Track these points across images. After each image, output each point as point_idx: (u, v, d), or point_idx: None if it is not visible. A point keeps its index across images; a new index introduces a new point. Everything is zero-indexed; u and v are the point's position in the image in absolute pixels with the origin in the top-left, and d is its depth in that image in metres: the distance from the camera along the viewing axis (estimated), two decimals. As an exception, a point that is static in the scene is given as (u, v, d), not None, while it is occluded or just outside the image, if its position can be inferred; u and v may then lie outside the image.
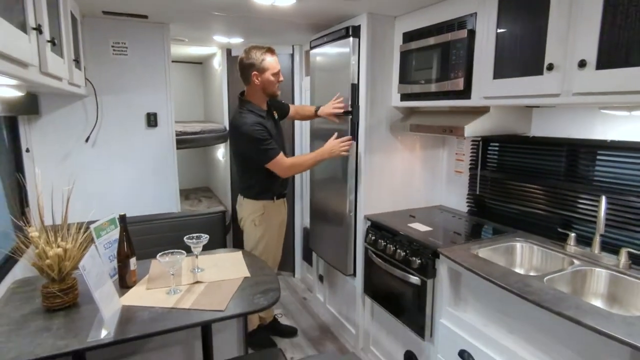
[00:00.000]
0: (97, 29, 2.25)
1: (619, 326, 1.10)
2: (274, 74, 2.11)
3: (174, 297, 1.54)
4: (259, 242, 2.29)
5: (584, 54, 1.25)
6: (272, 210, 2.29)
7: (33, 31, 1.00)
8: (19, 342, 1.24)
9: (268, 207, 2.27)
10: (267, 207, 2.27)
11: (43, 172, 2.06)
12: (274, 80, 2.12)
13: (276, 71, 2.11)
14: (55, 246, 1.42)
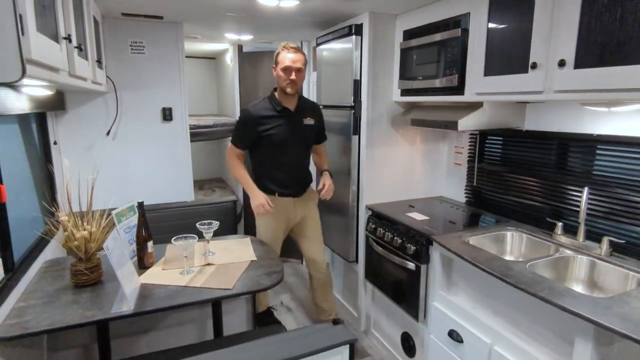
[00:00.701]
0: (117, 30, 2.41)
1: (585, 305, 1.20)
2: (282, 68, 2.11)
3: (187, 277, 1.69)
4: (258, 232, 2.36)
5: (564, 54, 1.34)
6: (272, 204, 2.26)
7: (64, 40, 1.15)
8: (52, 312, 1.41)
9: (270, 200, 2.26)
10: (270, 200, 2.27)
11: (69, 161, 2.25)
12: (283, 76, 2.11)
13: (284, 66, 2.10)
14: (81, 229, 1.59)
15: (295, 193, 2.30)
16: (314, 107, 2.35)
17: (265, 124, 2.18)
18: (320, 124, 2.34)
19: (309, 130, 2.27)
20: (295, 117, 2.22)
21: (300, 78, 2.15)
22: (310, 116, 2.26)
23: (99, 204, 1.73)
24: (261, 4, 2.02)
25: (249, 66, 3.63)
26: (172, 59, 2.58)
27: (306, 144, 2.31)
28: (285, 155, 2.22)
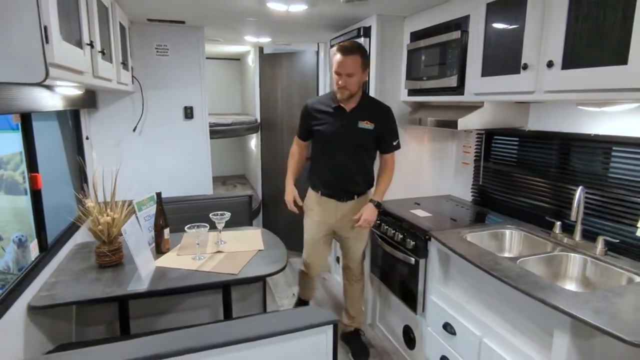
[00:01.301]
0: (143, 34, 2.61)
1: (564, 299, 1.24)
2: (334, 71, 1.98)
3: (198, 262, 1.84)
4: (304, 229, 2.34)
5: (552, 55, 1.37)
6: (312, 202, 2.24)
7: (87, 46, 1.32)
8: (78, 287, 1.59)
9: (311, 196, 2.25)
10: (310, 196, 2.26)
11: (98, 156, 2.47)
12: (335, 78, 1.97)
13: (334, 70, 1.96)
14: (105, 215, 1.78)
15: (338, 197, 2.14)
16: (380, 111, 2.08)
17: (317, 118, 2.10)
18: (385, 130, 2.07)
19: (364, 134, 2.04)
20: (349, 118, 2.04)
21: (352, 83, 1.94)
22: (369, 120, 2.03)
23: (125, 195, 1.91)
24: (272, 9, 2.14)
25: (269, 67, 3.79)
26: (194, 60, 2.76)
27: (358, 148, 2.07)
28: (331, 155, 2.09)
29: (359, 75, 1.94)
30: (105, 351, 1.12)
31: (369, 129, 2.04)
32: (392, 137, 2.11)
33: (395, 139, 2.11)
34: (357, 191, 2.15)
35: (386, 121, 2.08)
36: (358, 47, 1.95)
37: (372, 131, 2.04)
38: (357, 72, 1.93)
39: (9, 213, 1.60)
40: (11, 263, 1.54)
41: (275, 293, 3.18)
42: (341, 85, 1.94)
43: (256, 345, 1.16)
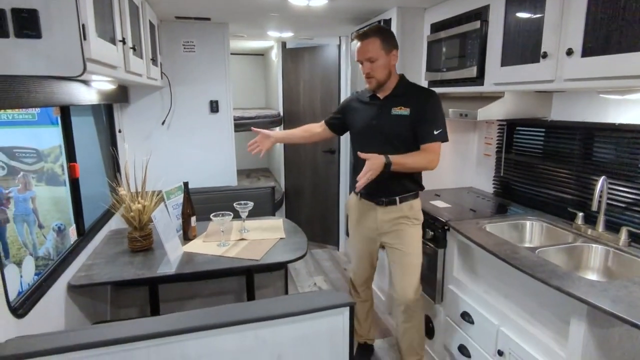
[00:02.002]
0: (171, 31, 2.72)
1: (582, 288, 1.24)
2: (357, 61, 1.82)
3: (223, 249, 1.93)
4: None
5: (572, 43, 1.36)
6: (352, 206, 2.06)
7: (119, 43, 1.41)
8: (112, 269, 1.71)
9: (351, 199, 2.08)
10: (350, 199, 2.10)
11: (129, 147, 2.61)
12: (361, 69, 1.80)
13: (356, 60, 1.81)
14: (137, 203, 1.89)
15: (376, 200, 1.89)
16: (418, 94, 1.81)
17: (353, 111, 1.95)
18: (422, 115, 1.75)
19: (400, 122, 1.77)
20: (383, 106, 1.83)
21: (377, 69, 1.74)
22: (404, 105, 1.77)
23: (154, 185, 2.02)
24: (292, 3, 2.19)
25: (291, 62, 3.85)
26: (219, 56, 2.85)
27: (394, 139, 1.79)
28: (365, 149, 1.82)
29: (382, 59, 1.73)
30: (137, 325, 1.21)
31: (404, 115, 1.77)
32: (431, 123, 1.75)
33: (436, 126, 1.75)
34: (399, 193, 1.85)
35: (425, 105, 1.76)
36: (376, 29, 1.77)
37: (407, 117, 1.76)
38: (379, 55, 1.72)
39: (50, 203, 1.73)
40: (51, 250, 1.67)
41: (297, 282, 3.26)
42: (366, 73, 1.76)
43: (275, 323, 1.22)
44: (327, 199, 3.90)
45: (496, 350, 1.61)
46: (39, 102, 1.21)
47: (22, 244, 1.50)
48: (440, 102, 1.81)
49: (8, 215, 1.45)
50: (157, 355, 1.12)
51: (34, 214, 1.61)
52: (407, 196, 1.87)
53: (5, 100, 1.01)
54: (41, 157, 1.67)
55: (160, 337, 1.12)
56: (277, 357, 1.24)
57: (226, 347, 1.19)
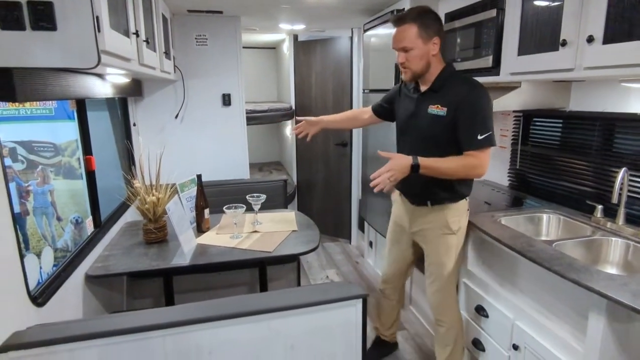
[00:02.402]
0: (184, 25, 2.73)
1: (601, 281, 1.21)
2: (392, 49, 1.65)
3: (236, 241, 1.94)
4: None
5: (592, 30, 1.31)
6: (394, 198, 1.98)
7: (133, 35, 1.42)
8: (127, 260, 1.74)
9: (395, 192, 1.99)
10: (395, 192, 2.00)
11: (144, 141, 2.64)
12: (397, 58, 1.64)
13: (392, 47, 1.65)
14: (151, 195, 1.91)
15: (410, 199, 1.80)
16: (458, 91, 1.56)
17: (397, 102, 1.83)
18: (461, 117, 1.54)
19: (436, 122, 1.60)
20: (421, 102, 1.67)
21: (412, 59, 1.57)
22: (442, 103, 1.58)
23: (168, 179, 2.04)
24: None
25: (303, 54, 3.83)
26: (231, 49, 2.85)
27: (428, 141, 1.64)
28: (402, 147, 1.77)
29: (419, 48, 1.55)
30: (153, 315, 1.23)
31: (440, 115, 1.58)
32: (471, 127, 1.52)
33: (478, 130, 1.50)
34: (431, 197, 1.70)
35: (463, 104, 1.53)
36: (414, 13, 1.56)
37: (443, 118, 1.57)
38: (415, 44, 1.55)
39: (67, 196, 1.77)
40: (69, 242, 1.71)
41: (309, 275, 3.27)
42: (401, 63, 1.60)
43: (288, 314, 1.23)
44: (339, 192, 3.89)
45: (511, 344, 1.59)
46: (56, 94, 1.23)
47: (42, 236, 1.54)
48: (486, 98, 1.55)
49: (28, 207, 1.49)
50: (172, 344, 1.14)
51: (52, 206, 1.64)
52: (441, 199, 1.69)
53: (24, 92, 1.02)
54: (58, 151, 1.71)
55: (175, 327, 1.14)
56: (290, 348, 1.24)
57: (240, 337, 1.20)
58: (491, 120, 1.55)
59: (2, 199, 1.11)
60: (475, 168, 1.55)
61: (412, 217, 1.82)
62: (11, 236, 1.13)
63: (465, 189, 1.73)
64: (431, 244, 1.78)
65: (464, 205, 1.75)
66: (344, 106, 3.62)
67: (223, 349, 1.19)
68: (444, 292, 1.79)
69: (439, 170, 1.55)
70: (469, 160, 1.55)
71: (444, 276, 1.77)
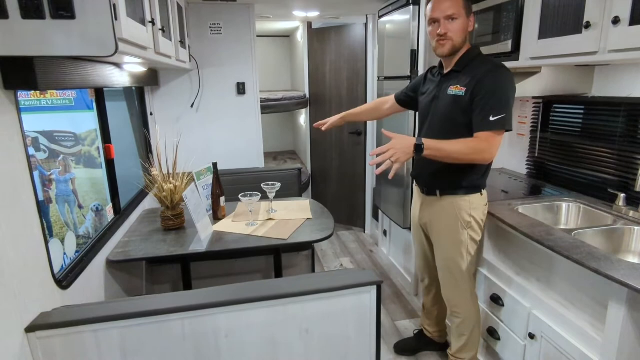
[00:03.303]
0: (199, 14, 2.73)
1: (622, 270, 1.19)
2: (429, 22, 1.56)
3: (252, 228, 1.97)
4: None
5: (618, 11, 1.26)
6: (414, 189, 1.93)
7: (149, 24, 1.43)
8: (146, 246, 1.78)
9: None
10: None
11: (161, 130, 2.67)
12: (431, 31, 1.56)
13: (430, 18, 1.55)
14: (168, 183, 1.95)
15: (422, 188, 1.76)
16: (479, 70, 1.51)
17: (422, 87, 1.79)
18: (477, 96, 1.48)
19: (454, 103, 1.55)
20: (442, 83, 1.63)
21: (456, 30, 1.50)
22: (461, 83, 1.53)
23: (184, 167, 2.07)
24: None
25: (317, 42, 3.80)
26: (246, 38, 2.85)
27: (446, 123, 1.59)
28: (422, 131, 1.72)
29: (462, 19, 1.50)
30: (172, 298, 1.26)
31: (459, 95, 1.52)
32: (486, 106, 1.45)
33: (491, 112, 1.44)
34: (440, 185, 1.66)
35: (481, 84, 1.47)
36: None
37: (461, 98, 1.51)
38: (460, 14, 1.49)
39: (88, 184, 1.82)
40: (90, 229, 1.76)
41: (323, 262, 3.30)
42: (441, 34, 1.50)
43: (303, 299, 1.24)
44: (353, 181, 3.89)
45: (527, 333, 1.58)
46: (76, 83, 1.25)
47: (64, 223, 1.59)
48: (507, 80, 1.48)
49: (51, 195, 1.53)
50: (190, 327, 1.17)
51: (73, 194, 1.69)
52: (452, 190, 1.61)
53: (45, 81, 1.05)
54: (79, 140, 1.75)
55: (193, 310, 1.17)
56: (305, 331, 1.26)
57: (256, 321, 1.22)
58: (509, 104, 1.48)
59: (27, 187, 1.14)
60: (482, 152, 1.47)
61: (422, 207, 1.79)
62: (36, 223, 1.17)
63: (479, 180, 1.64)
64: (439, 237, 1.73)
65: (479, 199, 1.65)
66: (358, 94, 3.59)
67: (239, 332, 1.21)
68: (455, 287, 1.75)
69: (444, 151, 1.46)
70: (476, 143, 1.47)
71: (455, 272, 1.72)
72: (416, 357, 2.15)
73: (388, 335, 2.31)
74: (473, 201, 1.64)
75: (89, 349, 1.12)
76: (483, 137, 1.47)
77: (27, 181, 1.14)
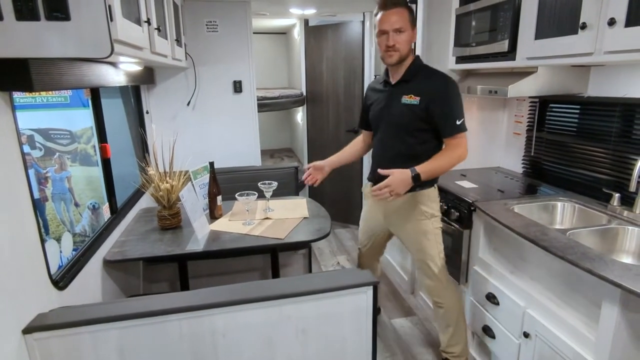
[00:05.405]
0: (195, 12, 2.72)
1: (615, 270, 1.20)
2: (378, 34, 1.67)
3: (248, 227, 1.97)
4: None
5: (614, 12, 1.27)
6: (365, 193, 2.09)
7: (145, 23, 1.42)
8: (143, 246, 1.78)
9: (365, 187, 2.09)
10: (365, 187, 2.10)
11: (157, 128, 2.67)
12: (380, 41, 1.66)
13: (378, 30, 1.65)
14: (165, 182, 1.94)
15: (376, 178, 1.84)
16: (431, 81, 1.68)
17: (370, 98, 1.89)
18: (435, 106, 1.64)
19: (409, 111, 1.69)
20: (393, 93, 1.75)
21: (403, 42, 1.62)
22: (415, 93, 1.67)
23: (181, 166, 2.07)
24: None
25: (314, 40, 3.78)
26: (242, 35, 2.83)
27: (402, 129, 1.73)
28: (378, 139, 1.86)
29: (408, 32, 1.63)
30: (169, 299, 1.26)
31: (413, 105, 1.67)
32: (448, 116, 1.63)
33: (454, 117, 1.63)
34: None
35: (437, 95, 1.64)
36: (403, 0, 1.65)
37: (416, 107, 1.67)
38: (407, 27, 1.62)
39: (84, 182, 1.81)
40: (87, 227, 1.76)
41: (320, 260, 3.31)
42: (389, 45, 1.62)
43: (299, 300, 1.25)
44: (350, 179, 3.89)
45: (522, 332, 1.60)
46: (71, 84, 1.25)
47: (61, 221, 1.58)
48: (457, 88, 1.68)
49: (47, 193, 1.53)
50: (187, 327, 1.17)
51: (70, 192, 1.69)
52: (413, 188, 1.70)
53: (40, 82, 1.04)
54: (74, 138, 1.74)
55: (190, 311, 1.17)
56: (302, 332, 1.27)
57: (252, 321, 1.23)
58: (463, 108, 1.69)
59: (22, 186, 1.14)
60: (461, 155, 1.69)
61: (387, 208, 1.90)
62: (32, 221, 1.17)
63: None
64: (407, 232, 1.87)
65: (435, 193, 1.84)
66: (355, 92, 3.58)
67: (236, 332, 1.22)
68: (434, 277, 1.86)
69: (435, 171, 1.67)
70: (455, 151, 1.68)
71: (428, 261, 1.84)
72: (413, 355, 2.17)
73: (384, 334, 2.33)
74: (430, 195, 1.82)
75: (87, 350, 1.12)
76: (455, 141, 1.67)
77: (23, 181, 1.14)
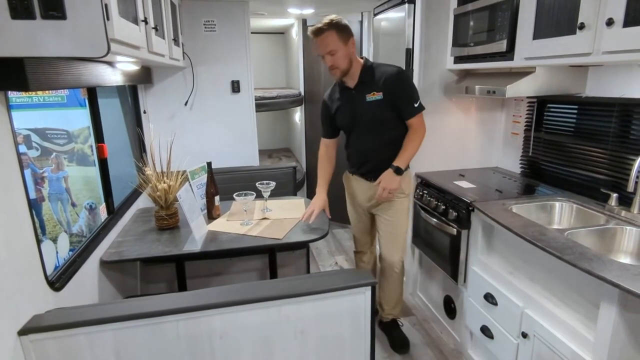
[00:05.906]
0: (192, 11, 2.71)
1: (613, 271, 1.20)
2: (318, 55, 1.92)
3: (246, 227, 1.96)
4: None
5: (612, 12, 1.27)
6: (347, 180, 2.30)
7: (142, 23, 1.41)
8: (140, 246, 1.77)
9: (346, 175, 2.30)
10: (346, 175, 2.31)
11: (154, 128, 2.66)
12: (323, 62, 1.91)
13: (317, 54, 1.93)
14: (162, 182, 1.93)
15: (369, 178, 2.09)
16: (386, 76, 1.90)
17: (332, 107, 2.08)
18: (397, 95, 1.90)
19: (376, 106, 1.92)
20: (357, 95, 1.96)
21: (339, 59, 1.85)
22: (376, 89, 1.91)
23: (179, 166, 2.06)
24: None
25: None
26: (240, 35, 2.82)
27: (376, 124, 1.97)
28: (354, 139, 2.08)
29: (342, 49, 1.83)
30: (167, 300, 1.26)
31: (379, 100, 1.91)
32: (407, 100, 1.90)
33: (413, 101, 1.90)
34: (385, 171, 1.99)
35: (395, 85, 1.88)
36: (328, 23, 1.83)
37: (382, 101, 1.90)
38: (338, 47, 1.82)
39: (81, 182, 1.80)
40: (84, 227, 1.74)
41: (318, 261, 3.31)
42: (329, 65, 1.87)
43: (298, 301, 1.24)
44: (348, 179, 3.88)
45: (520, 332, 1.60)
46: (68, 83, 1.24)
47: (57, 222, 1.57)
48: (409, 75, 1.95)
49: (43, 194, 1.52)
50: (184, 328, 1.17)
51: (66, 192, 1.67)
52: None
53: (36, 82, 1.03)
54: (71, 138, 1.73)
55: (188, 312, 1.16)
56: (300, 332, 1.27)
57: (250, 322, 1.22)
58: (417, 91, 1.95)
59: (18, 186, 1.13)
60: (423, 134, 1.97)
61: (372, 192, 2.07)
62: (28, 222, 1.16)
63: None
64: (388, 210, 2.09)
65: (409, 174, 2.13)
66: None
67: (234, 333, 1.21)
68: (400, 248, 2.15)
69: (411, 155, 1.97)
70: (418, 132, 1.95)
71: (404, 232, 2.14)
72: (412, 355, 2.17)
73: (383, 334, 2.32)
74: (407, 174, 2.07)
75: (83, 352, 1.12)
76: (416, 121, 1.94)
77: (19, 182, 1.13)
